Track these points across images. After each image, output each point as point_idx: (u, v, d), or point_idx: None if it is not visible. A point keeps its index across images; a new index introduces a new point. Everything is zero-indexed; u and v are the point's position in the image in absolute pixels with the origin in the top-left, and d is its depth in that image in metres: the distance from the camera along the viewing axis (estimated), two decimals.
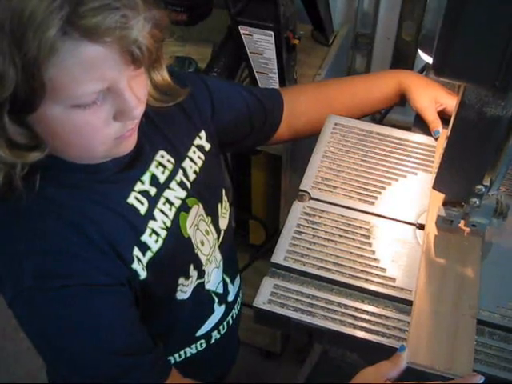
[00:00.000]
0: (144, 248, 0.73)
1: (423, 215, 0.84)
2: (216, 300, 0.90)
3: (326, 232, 0.82)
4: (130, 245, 0.71)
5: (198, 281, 0.84)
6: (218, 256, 0.88)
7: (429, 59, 0.87)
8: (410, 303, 0.75)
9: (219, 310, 0.92)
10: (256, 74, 1.21)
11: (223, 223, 0.89)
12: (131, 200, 0.73)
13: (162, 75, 0.73)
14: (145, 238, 0.73)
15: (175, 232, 0.77)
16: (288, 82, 1.21)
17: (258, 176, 1.48)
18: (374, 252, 0.80)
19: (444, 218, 0.78)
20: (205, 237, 0.83)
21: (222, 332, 0.95)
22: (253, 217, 1.61)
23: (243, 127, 0.93)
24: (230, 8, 1.10)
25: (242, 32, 1.14)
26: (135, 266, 0.71)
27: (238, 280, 0.98)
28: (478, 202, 0.73)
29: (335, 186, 0.88)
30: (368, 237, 0.81)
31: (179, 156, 0.80)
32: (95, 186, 0.71)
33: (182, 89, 0.77)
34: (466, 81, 0.62)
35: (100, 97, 0.60)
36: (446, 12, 0.57)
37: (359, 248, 0.80)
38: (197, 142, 0.84)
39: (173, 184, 0.78)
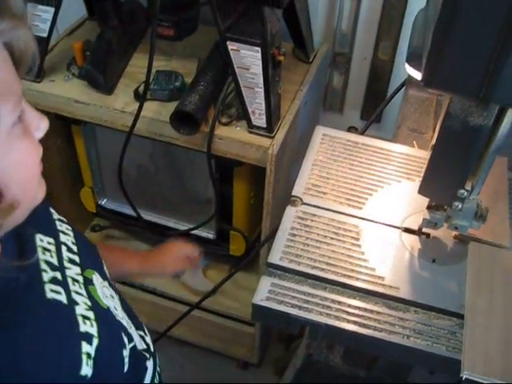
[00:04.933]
0: (89, 338, 0.61)
1: (408, 219, 0.90)
2: (147, 356, 0.84)
3: (318, 234, 0.87)
4: (76, 344, 0.59)
5: (131, 345, 0.76)
6: (125, 315, 0.81)
7: (415, 73, 0.94)
8: (397, 300, 0.80)
9: (150, 365, 0.86)
10: (242, 88, 1.26)
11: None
12: (50, 295, 0.60)
13: None
14: (82, 327, 0.61)
15: (98, 309, 0.68)
16: (273, 96, 1.26)
17: (240, 187, 1.52)
18: (363, 253, 0.85)
19: (428, 221, 0.84)
20: (113, 302, 0.77)
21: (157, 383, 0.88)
22: (233, 228, 1.64)
23: None
24: (219, 24, 1.15)
25: (229, 47, 1.19)
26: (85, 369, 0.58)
27: (145, 328, 0.89)
28: (460, 206, 0.79)
29: (325, 192, 0.93)
30: (357, 239, 0.87)
31: (53, 233, 0.70)
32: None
33: None
34: (452, 92, 0.69)
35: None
36: (435, 30, 0.64)
37: (349, 249, 0.85)
38: (55, 215, 0.75)
39: (66, 263, 0.68)
